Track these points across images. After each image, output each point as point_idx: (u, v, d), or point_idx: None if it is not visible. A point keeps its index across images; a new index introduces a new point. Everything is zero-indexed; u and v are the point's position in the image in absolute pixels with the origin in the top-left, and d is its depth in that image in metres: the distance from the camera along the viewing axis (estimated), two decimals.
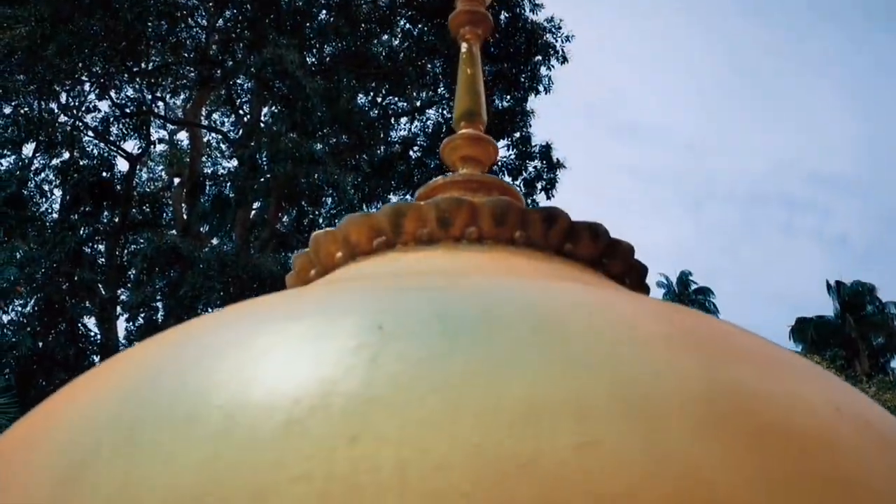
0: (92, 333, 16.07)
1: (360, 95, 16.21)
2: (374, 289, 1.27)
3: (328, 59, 15.87)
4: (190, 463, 0.92)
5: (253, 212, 16.11)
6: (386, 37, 16.10)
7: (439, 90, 16.37)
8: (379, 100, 16.81)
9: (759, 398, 1.02)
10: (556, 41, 15.57)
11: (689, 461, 0.90)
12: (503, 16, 15.07)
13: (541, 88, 15.73)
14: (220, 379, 1.03)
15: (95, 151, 16.91)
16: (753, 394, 1.02)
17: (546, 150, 15.95)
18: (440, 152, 2.13)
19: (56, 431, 1.10)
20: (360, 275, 1.56)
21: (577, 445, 0.89)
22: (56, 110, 16.19)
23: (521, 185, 15.52)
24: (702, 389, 1.00)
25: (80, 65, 15.00)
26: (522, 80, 15.72)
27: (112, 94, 16.23)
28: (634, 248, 1.77)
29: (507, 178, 14.29)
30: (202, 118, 17.47)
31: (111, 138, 16.74)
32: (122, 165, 17.10)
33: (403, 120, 17.01)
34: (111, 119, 16.53)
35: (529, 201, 14.24)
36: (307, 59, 15.51)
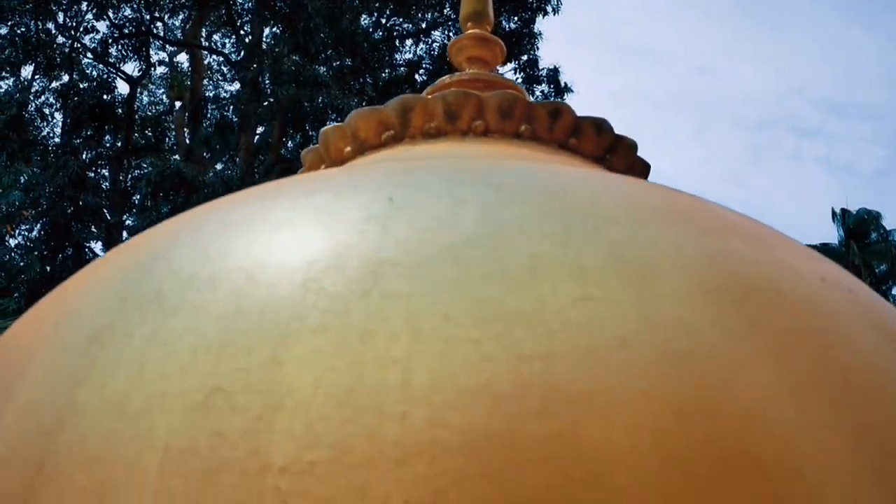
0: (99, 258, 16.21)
1: (364, 16, 15.84)
2: (383, 168, 1.31)
3: None
4: (214, 316, 0.98)
5: (256, 136, 16.00)
6: None
7: (445, 11, 15.98)
8: (383, 21, 16.43)
9: (748, 265, 1.08)
10: None
11: (678, 316, 0.96)
12: None
13: (549, 9, 15.34)
14: (239, 245, 1.09)
15: (95, 74, 16.68)
16: (743, 261, 1.08)
17: (553, 73, 15.67)
18: (447, 53, 2.13)
19: (84, 297, 1.16)
20: (369, 163, 1.60)
21: (575, 300, 0.95)
22: (54, 31, 15.90)
23: None
24: (694, 255, 1.05)
25: None
26: (530, 0, 15.31)
27: (110, 13, 15.89)
28: (637, 144, 1.80)
29: None
30: (202, 39, 17.14)
31: (110, 60, 16.48)
32: (123, 88, 16.91)
33: (408, 42, 16.67)
34: (110, 40, 16.23)
35: None
36: None
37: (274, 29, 15.38)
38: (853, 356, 1.03)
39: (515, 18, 15.51)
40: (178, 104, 17.70)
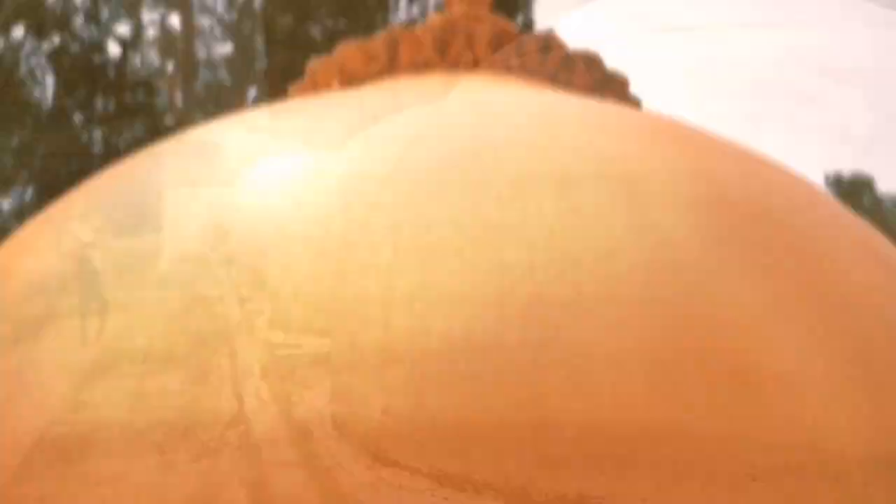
0: None
1: None
2: (369, 91, 1.29)
3: None
4: (195, 230, 0.97)
5: (249, 100, 15.86)
6: None
7: None
8: None
9: (737, 183, 1.06)
10: None
11: (664, 226, 0.95)
12: None
13: None
14: (219, 161, 1.07)
15: (86, 35, 16.46)
16: (732, 178, 1.07)
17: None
18: None
19: (69, 214, 1.15)
20: None
21: (561, 212, 0.94)
22: None
23: None
24: (682, 171, 1.04)
25: None
26: None
27: None
28: (629, 81, 1.77)
29: None
30: (194, 0, 16.86)
31: (102, 22, 16.24)
32: (114, 50, 16.68)
33: (403, 3, 16.44)
34: (100, 1, 15.98)
35: None
36: None
37: None
38: (840, 273, 1.02)
39: None
40: (170, 66, 17.49)
